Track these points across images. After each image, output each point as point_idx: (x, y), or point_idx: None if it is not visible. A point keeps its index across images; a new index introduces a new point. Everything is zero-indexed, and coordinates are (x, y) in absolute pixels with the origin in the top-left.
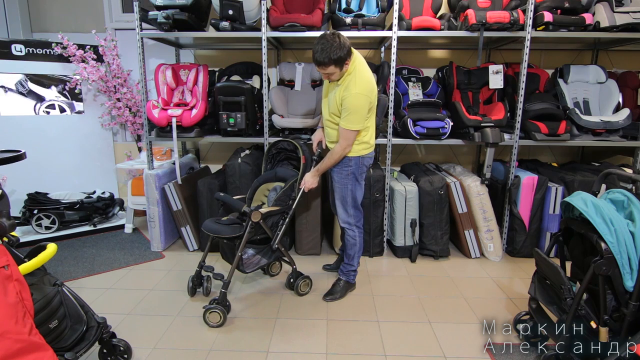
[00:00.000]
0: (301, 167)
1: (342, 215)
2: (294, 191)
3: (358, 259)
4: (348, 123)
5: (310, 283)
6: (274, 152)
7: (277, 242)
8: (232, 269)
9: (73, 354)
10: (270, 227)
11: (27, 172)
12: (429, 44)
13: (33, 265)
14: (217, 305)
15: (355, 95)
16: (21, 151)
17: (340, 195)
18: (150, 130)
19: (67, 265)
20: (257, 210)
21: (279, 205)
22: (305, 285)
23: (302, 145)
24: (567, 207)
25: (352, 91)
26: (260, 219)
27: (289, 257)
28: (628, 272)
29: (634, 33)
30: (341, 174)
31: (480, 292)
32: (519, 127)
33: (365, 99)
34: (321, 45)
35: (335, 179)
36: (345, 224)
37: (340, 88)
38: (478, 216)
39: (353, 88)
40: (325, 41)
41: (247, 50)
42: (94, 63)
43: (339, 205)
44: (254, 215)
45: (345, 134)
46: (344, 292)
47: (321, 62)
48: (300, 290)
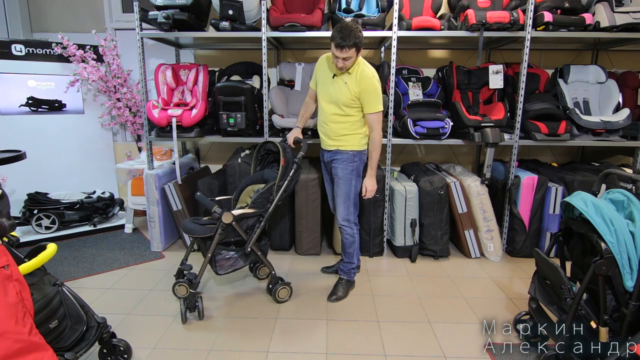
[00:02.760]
0: (280, 169)
1: (343, 212)
2: (272, 194)
3: (358, 256)
4: (376, 105)
5: (290, 290)
6: (262, 153)
7: (251, 245)
8: (201, 268)
9: (73, 354)
10: (245, 230)
11: (27, 172)
12: (429, 44)
13: (33, 265)
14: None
15: (373, 78)
16: (21, 151)
17: (344, 191)
18: (150, 130)
19: (67, 265)
20: (228, 212)
21: (255, 208)
22: (284, 292)
23: (285, 147)
24: (567, 207)
25: (368, 74)
26: (233, 220)
27: (267, 262)
28: (628, 272)
29: (634, 33)
30: (346, 169)
31: (480, 292)
32: (519, 127)
33: (379, 82)
34: (345, 29)
35: (339, 175)
36: (344, 222)
37: (352, 77)
38: (478, 216)
39: (368, 72)
40: (348, 26)
41: (247, 50)
42: (94, 63)
43: (341, 202)
44: (225, 217)
45: (375, 118)
46: (347, 291)
47: (345, 45)
48: (279, 297)
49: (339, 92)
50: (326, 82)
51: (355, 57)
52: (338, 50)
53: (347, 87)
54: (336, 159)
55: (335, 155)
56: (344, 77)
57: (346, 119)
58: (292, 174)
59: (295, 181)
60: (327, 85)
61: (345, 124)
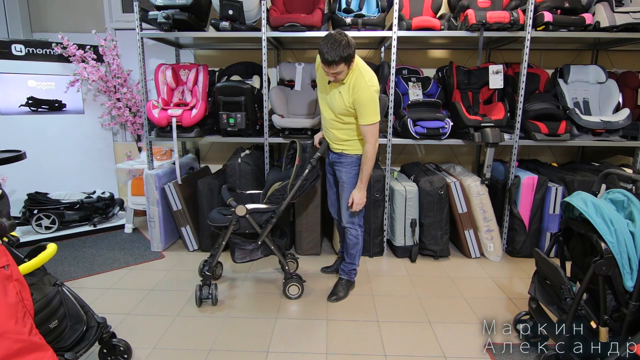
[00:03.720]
0: (294, 169)
1: (348, 215)
2: (286, 192)
3: (359, 258)
4: (369, 117)
5: (301, 289)
6: (292, 152)
7: (263, 238)
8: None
9: (73, 354)
10: (260, 224)
11: (27, 172)
12: (429, 44)
13: (33, 265)
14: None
15: (367, 88)
16: (21, 151)
17: (349, 194)
18: (150, 130)
19: (67, 265)
20: (242, 206)
21: (270, 204)
22: (294, 289)
23: (304, 147)
24: (567, 207)
25: (362, 85)
26: (246, 214)
27: (280, 256)
28: (628, 272)
29: (634, 33)
30: (350, 173)
31: (480, 292)
32: (519, 127)
33: (375, 90)
34: (330, 45)
35: (344, 179)
36: (349, 224)
37: (345, 87)
38: (478, 216)
39: (362, 82)
40: (334, 40)
41: (247, 50)
42: (94, 63)
43: (345, 205)
44: (239, 210)
45: (369, 130)
46: (347, 291)
47: (332, 61)
48: (289, 293)
49: (333, 100)
50: (324, 88)
51: (347, 70)
52: (326, 66)
53: (341, 96)
54: (340, 162)
55: (340, 158)
56: (337, 87)
57: (345, 126)
58: (305, 174)
59: (312, 181)
60: (324, 91)
61: (345, 130)
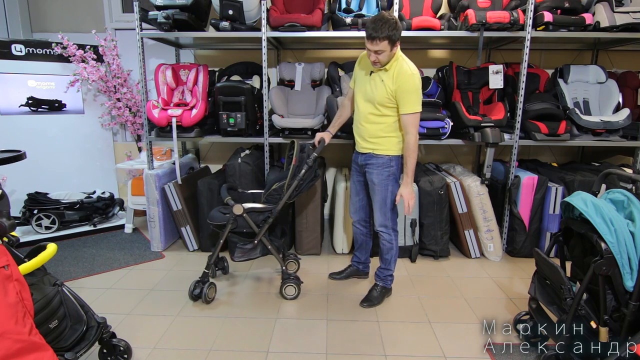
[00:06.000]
0: (291, 169)
1: (380, 218)
2: (282, 192)
3: (395, 263)
4: (413, 106)
5: (298, 289)
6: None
7: (259, 237)
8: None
9: (73, 354)
10: (257, 223)
11: (27, 172)
12: (429, 44)
13: (33, 265)
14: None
15: (412, 75)
16: (21, 151)
17: (381, 197)
18: (150, 130)
19: (67, 265)
20: (239, 205)
21: (268, 204)
22: (291, 290)
23: (302, 147)
24: (567, 207)
25: (407, 72)
26: (243, 212)
27: (277, 256)
28: (628, 272)
29: (634, 33)
30: (382, 175)
31: (480, 292)
32: (519, 127)
33: (419, 80)
34: (379, 20)
35: (375, 181)
36: (382, 228)
37: (389, 74)
38: (478, 216)
39: (407, 69)
40: (383, 17)
41: (247, 50)
42: (94, 63)
43: (377, 208)
44: (236, 209)
45: (411, 120)
46: (382, 297)
47: (376, 36)
48: (285, 294)
49: (375, 89)
50: (363, 80)
51: (389, 52)
52: (369, 42)
53: (383, 84)
54: (371, 164)
55: (370, 160)
56: (380, 74)
57: (382, 119)
58: (302, 174)
59: (309, 181)
60: (364, 82)
61: (381, 124)
